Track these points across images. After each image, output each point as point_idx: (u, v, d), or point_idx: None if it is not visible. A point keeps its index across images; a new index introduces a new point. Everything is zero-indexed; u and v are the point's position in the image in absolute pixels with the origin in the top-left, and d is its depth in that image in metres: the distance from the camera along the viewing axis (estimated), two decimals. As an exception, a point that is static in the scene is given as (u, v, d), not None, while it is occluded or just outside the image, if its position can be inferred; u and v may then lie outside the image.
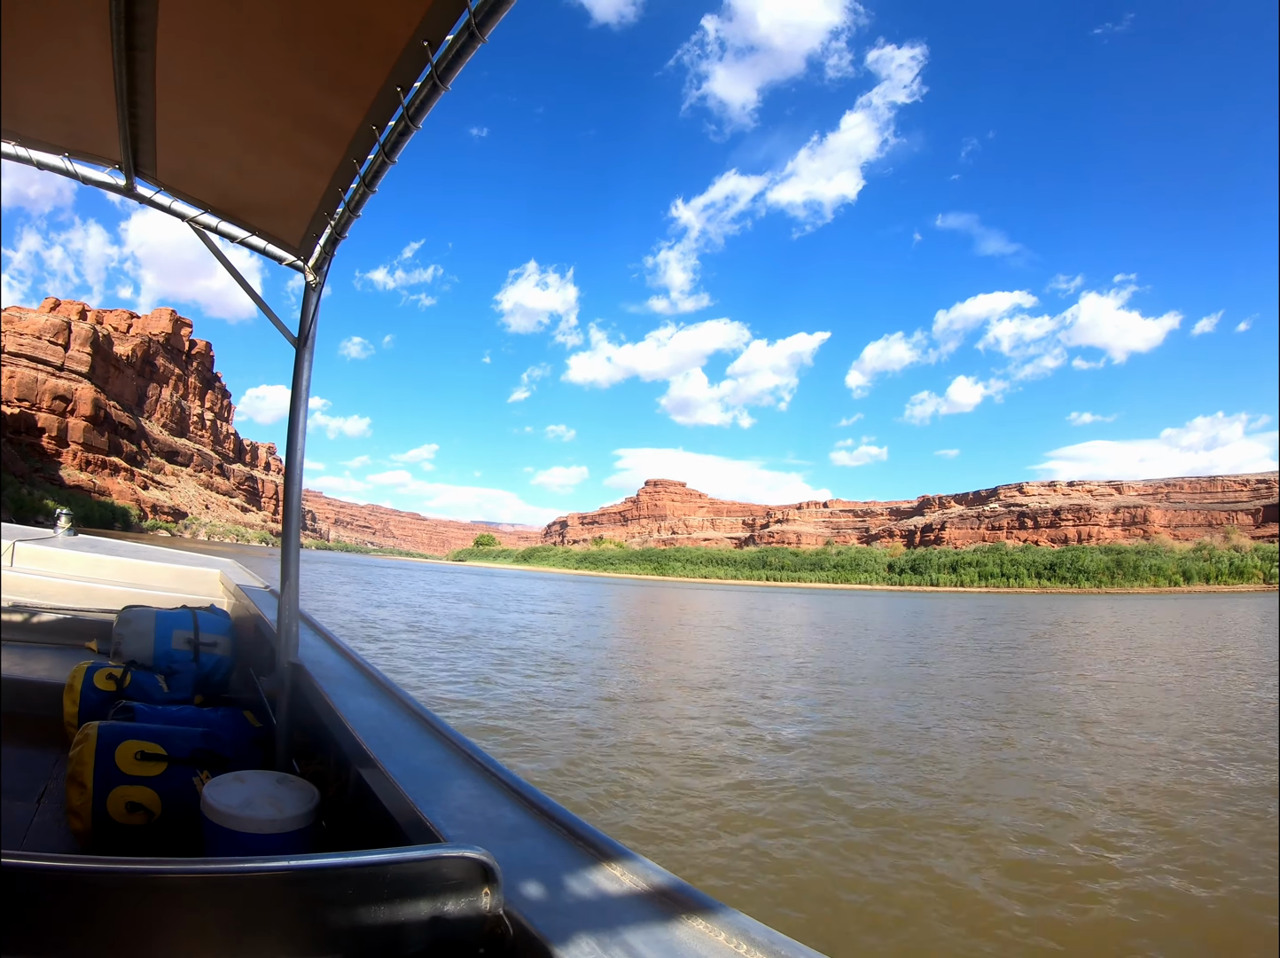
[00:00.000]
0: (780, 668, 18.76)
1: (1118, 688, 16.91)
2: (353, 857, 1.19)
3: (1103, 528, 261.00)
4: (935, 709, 13.42)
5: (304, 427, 2.89)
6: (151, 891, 1.08)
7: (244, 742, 2.87)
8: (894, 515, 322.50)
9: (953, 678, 17.73)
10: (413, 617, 27.27)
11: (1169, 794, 8.39)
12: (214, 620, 4.04)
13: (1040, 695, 15.46)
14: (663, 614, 45.25)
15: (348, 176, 2.33)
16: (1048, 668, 21.18)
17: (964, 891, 5.67)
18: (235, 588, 5.11)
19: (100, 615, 4.55)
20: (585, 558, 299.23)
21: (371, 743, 2.03)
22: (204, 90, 2.19)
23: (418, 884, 1.22)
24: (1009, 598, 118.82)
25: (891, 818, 7.31)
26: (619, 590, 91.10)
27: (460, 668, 15.30)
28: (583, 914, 1.26)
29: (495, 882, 1.25)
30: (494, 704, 11.86)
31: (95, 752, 2.45)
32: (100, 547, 6.47)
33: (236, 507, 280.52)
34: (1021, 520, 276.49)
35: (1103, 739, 11.20)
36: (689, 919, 1.26)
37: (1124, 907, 5.49)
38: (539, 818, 1.65)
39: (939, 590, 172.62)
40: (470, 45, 1.64)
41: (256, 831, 2.02)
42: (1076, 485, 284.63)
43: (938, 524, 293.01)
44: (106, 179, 2.70)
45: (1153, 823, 7.35)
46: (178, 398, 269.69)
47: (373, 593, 40.71)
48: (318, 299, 2.92)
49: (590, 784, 7.97)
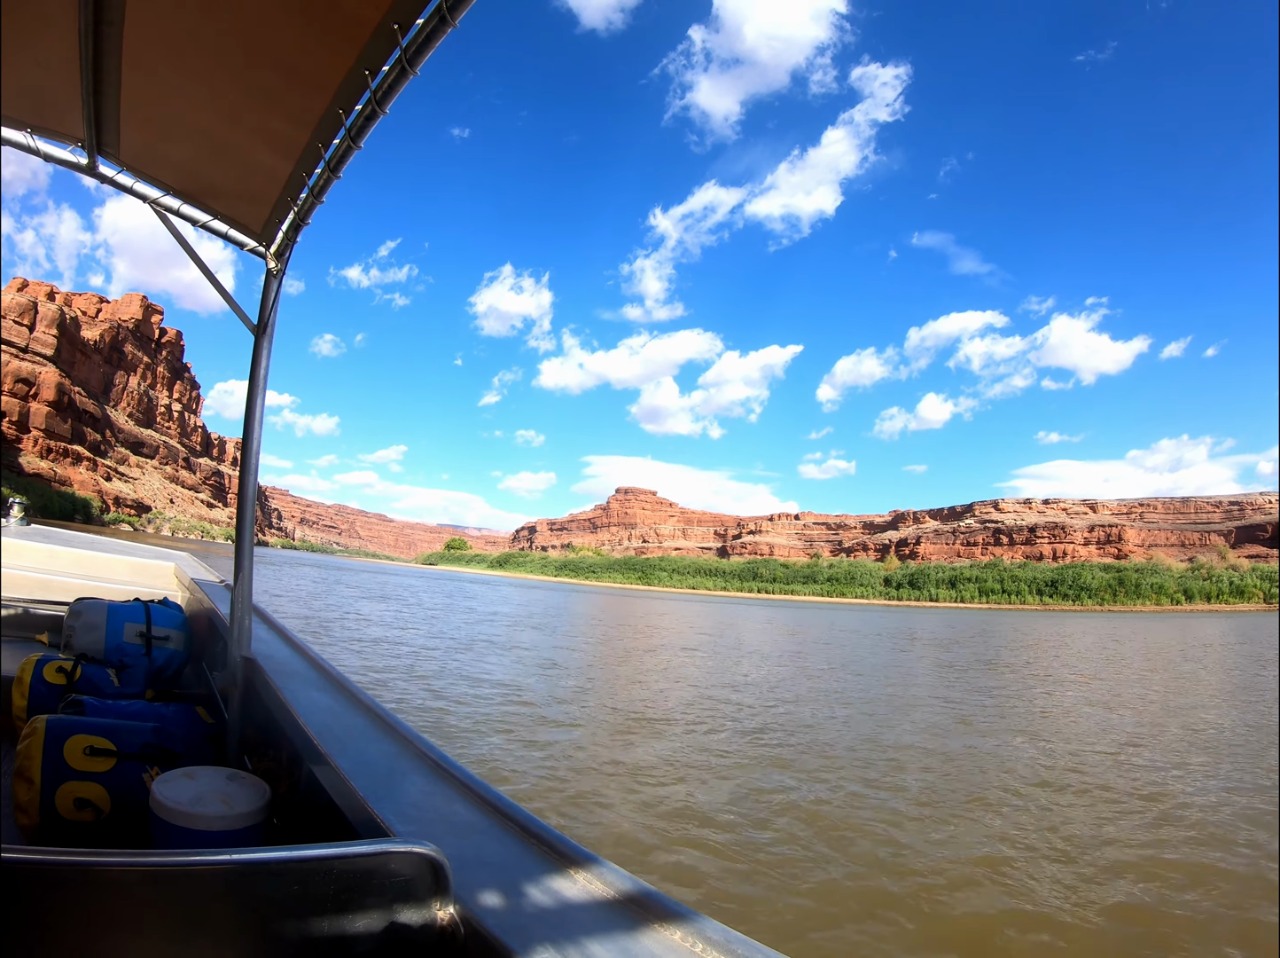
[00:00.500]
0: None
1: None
2: (297, 851, 1.16)
3: (1078, 546, 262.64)
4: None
5: (261, 417, 2.85)
6: (91, 883, 1.05)
7: (195, 737, 2.81)
8: (868, 529, 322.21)
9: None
10: (547, 680, 15.81)
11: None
12: (167, 614, 3.93)
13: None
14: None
15: (313, 161, 2.30)
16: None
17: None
18: (189, 581, 5.05)
19: (52, 608, 4.43)
20: (565, 565, 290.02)
21: (323, 738, 1.99)
22: (170, 69, 2.15)
23: (365, 881, 1.18)
24: (1012, 615, 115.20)
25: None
26: (630, 603, 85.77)
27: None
28: (538, 915, 1.24)
29: (446, 880, 1.22)
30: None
31: (43, 746, 2.38)
32: (54, 537, 6.32)
33: (202, 502, 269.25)
34: (997, 537, 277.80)
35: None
36: (646, 920, 1.23)
37: None
38: (493, 816, 1.63)
39: (938, 606, 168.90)
40: (441, 29, 1.62)
41: (206, 828, 1.98)
42: (1052, 503, 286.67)
43: (913, 539, 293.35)
44: (69, 157, 2.63)
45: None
46: (145, 387, 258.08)
47: (412, 614, 31.08)
48: (279, 286, 2.88)
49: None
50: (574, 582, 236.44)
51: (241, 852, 1.15)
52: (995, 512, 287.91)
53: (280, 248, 2.83)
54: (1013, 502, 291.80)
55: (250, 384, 2.84)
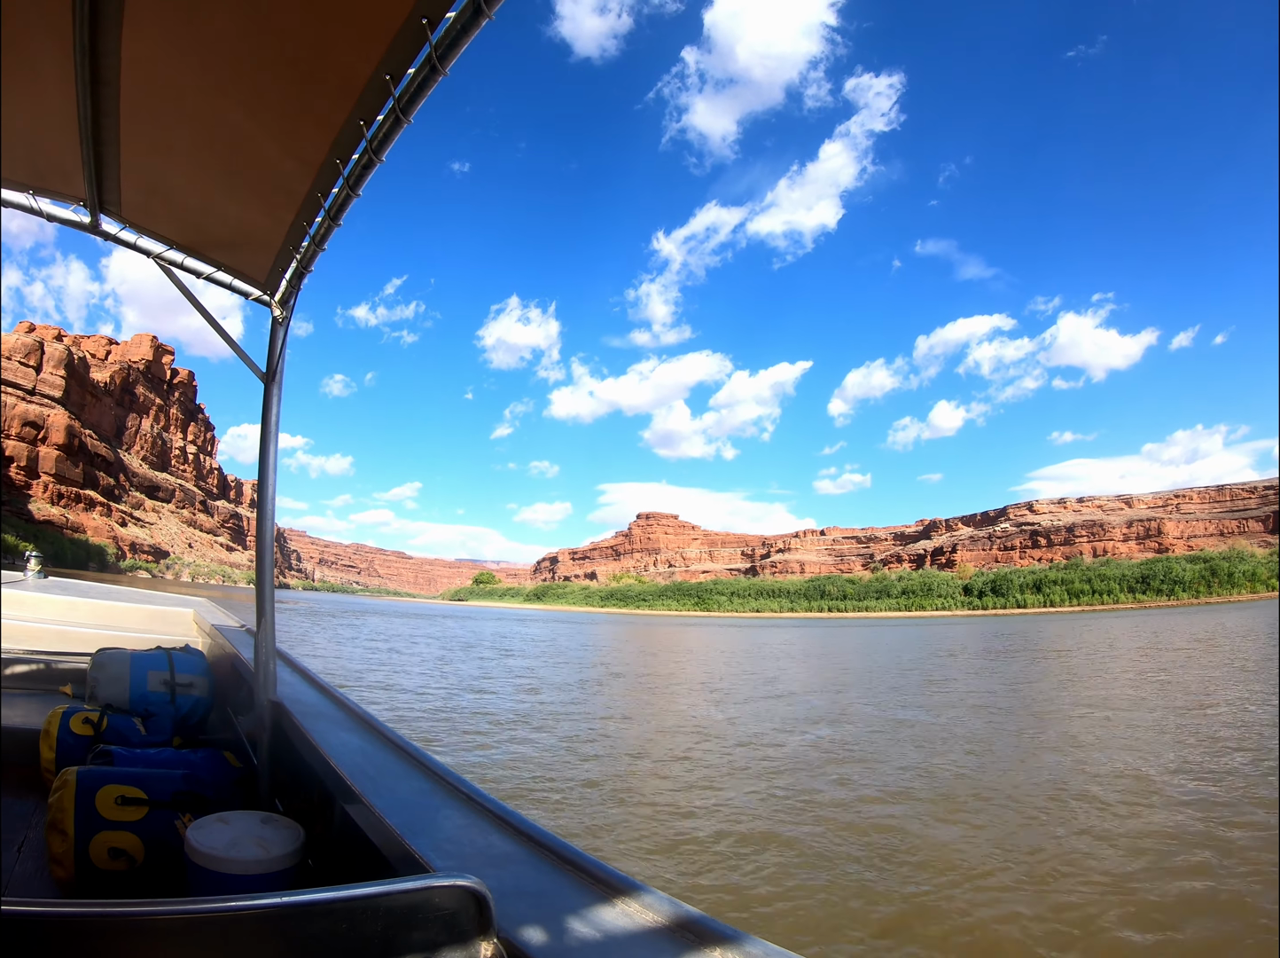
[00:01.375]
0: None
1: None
2: (342, 891, 1.15)
3: (1117, 543, 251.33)
4: None
5: (274, 461, 2.88)
6: (138, 934, 1.04)
7: (225, 782, 2.81)
8: (899, 540, 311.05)
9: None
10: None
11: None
12: (189, 661, 3.97)
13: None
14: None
15: (313, 210, 2.31)
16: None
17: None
18: (210, 627, 5.03)
19: (74, 659, 4.46)
20: (612, 594, 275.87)
21: (355, 778, 1.99)
22: (168, 125, 2.16)
23: (410, 917, 1.18)
24: (1117, 617, 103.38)
25: None
26: (706, 633, 75.62)
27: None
28: (581, 943, 1.23)
29: (490, 912, 1.22)
30: None
31: (75, 797, 2.37)
32: (72, 589, 6.39)
33: (221, 545, 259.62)
34: (1034, 539, 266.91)
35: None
36: (691, 943, 1.22)
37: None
38: (529, 846, 1.63)
39: (1027, 613, 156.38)
40: (432, 78, 1.64)
41: (242, 872, 1.97)
42: (1086, 501, 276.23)
43: (948, 547, 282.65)
44: (71, 216, 2.67)
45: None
46: (158, 429, 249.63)
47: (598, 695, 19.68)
48: (285, 334, 2.90)
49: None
50: (624, 612, 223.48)
51: (287, 895, 1.13)
52: (1030, 513, 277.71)
53: (285, 296, 2.84)
54: (1047, 502, 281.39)
55: (263, 430, 2.85)
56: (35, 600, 5.45)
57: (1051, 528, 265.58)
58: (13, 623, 4.89)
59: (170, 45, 1.82)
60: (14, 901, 0.98)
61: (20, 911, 0.99)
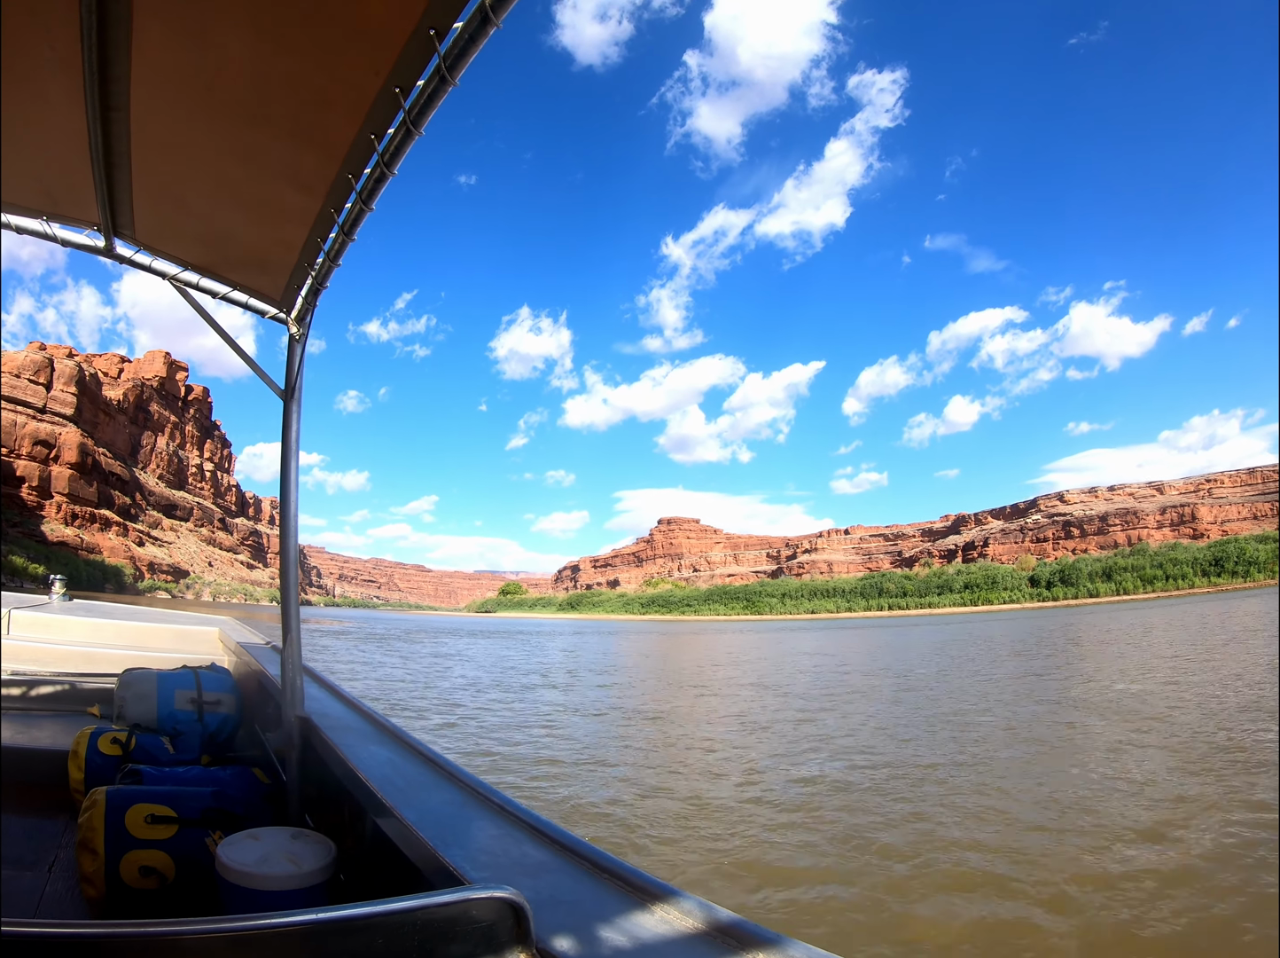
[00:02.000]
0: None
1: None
2: (378, 905, 1.13)
3: (1151, 530, 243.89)
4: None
5: (296, 478, 2.88)
6: (170, 952, 1.03)
7: (255, 799, 2.82)
8: (927, 536, 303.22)
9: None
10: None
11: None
12: (216, 679, 3.97)
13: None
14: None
15: (326, 226, 2.31)
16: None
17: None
18: (235, 645, 5.04)
19: (101, 680, 4.47)
20: (653, 601, 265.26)
21: (386, 791, 1.98)
22: (179, 147, 2.16)
23: (447, 930, 1.16)
24: (1204, 601, 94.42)
25: None
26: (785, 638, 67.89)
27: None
28: (616, 949, 1.21)
29: (528, 923, 1.20)
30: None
31: (105, 817, 2.38)
32: (97, 610, 6.54)
33: (242, 563, 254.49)
34: (1067, 529, 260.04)
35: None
36: (731, 947, 1.20)
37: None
38: (564, 855, 1.61)
39: (1100, 602, 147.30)
40: (442, 89, 1.63)
41: (275, 888, 1.96)
42: (1118, 489, 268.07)
43: (980, 541, 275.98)
44: (85, 241, 2.68)
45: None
46: (174, 447, 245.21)
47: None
48: (303, 351, 2.90)
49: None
50: (668, 618, 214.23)
51: (321, 911, 1.11)
52: (1061, 504, 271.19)
53: (301, 313, 2.84)
54: (1078, 492, 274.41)
55: (283, 448, 2.85)
56: (61, 623, 5.51)
57: (1084, 518, 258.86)
58: (39, 645, 4.96)
59: (179, 69, 1.82)
60: (47, 922, 0.98)
61: (53, 932, 0.98)
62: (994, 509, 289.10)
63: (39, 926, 0.97)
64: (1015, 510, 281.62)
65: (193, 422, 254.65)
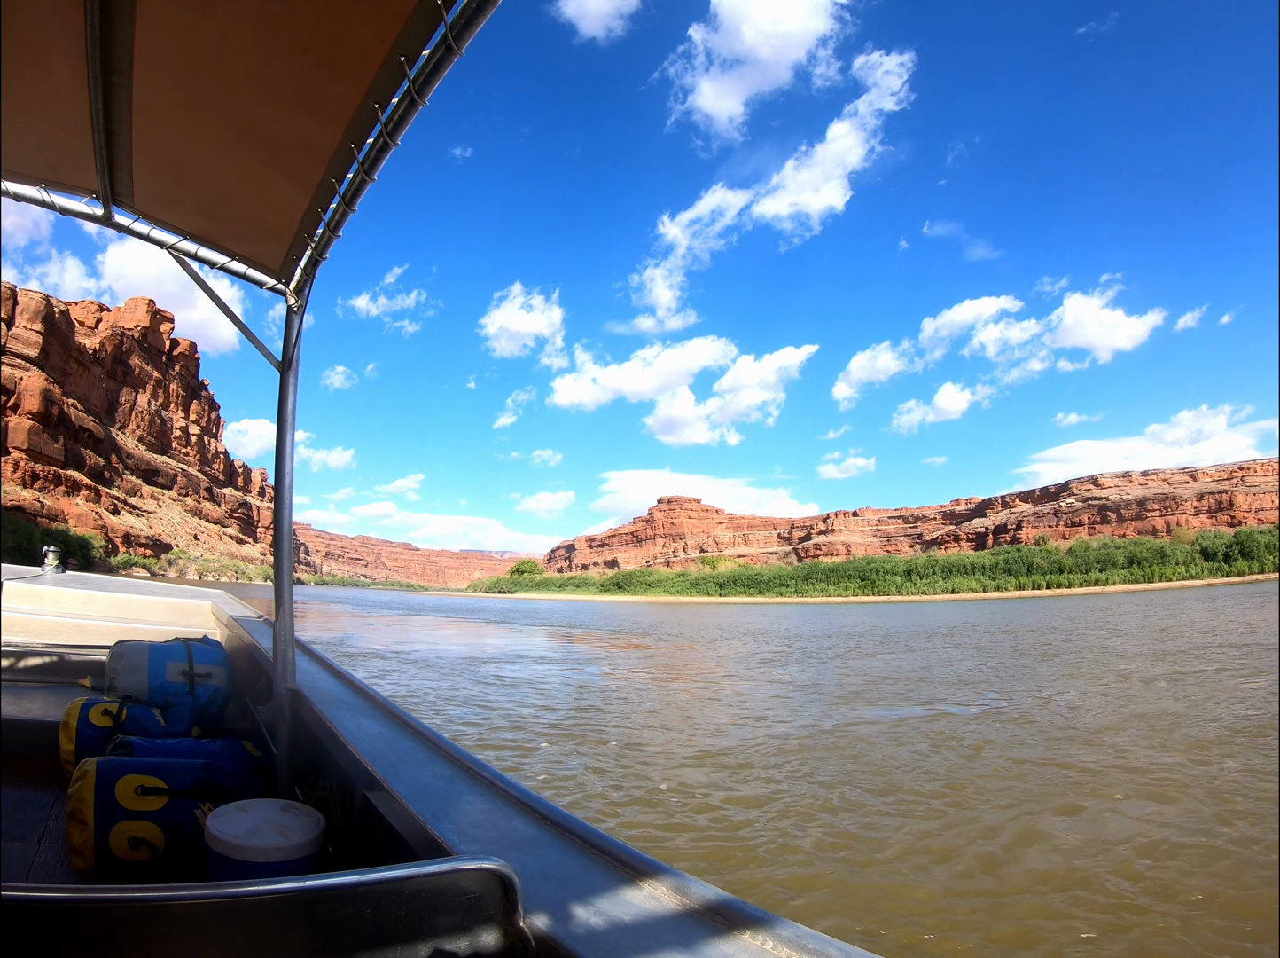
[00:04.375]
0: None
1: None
2: (367, 874, 1.12)
3: (1189, 516, 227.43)
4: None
5: (291, 451, 2.83)
6: (157, 918, 1.01)
7: (245, 771, 2.76)
8: (949, 519, 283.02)
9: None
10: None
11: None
12: (208, 652, 3.90)
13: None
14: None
15: (327, 196, 2.26)
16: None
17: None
18: (228, 618, 5.01)
19: (93, 652, 4.42)
20: (733, 580, 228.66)
21: (376, 764, 1.95)
22: (180, 115, 2.10)
23: (435, 901, 1.14)
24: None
25: None
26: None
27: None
28: (606, 926, 1.18)
29: (516, 895, 1.18)
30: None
31: (95, 788, 2.33)
32: (90, 583, 6.40)
33: (231, 537, 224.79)
34: (1103, 514, 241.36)
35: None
36: (717, 924, 1.18)
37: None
38: (553, 829, 1.59)
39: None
40: (447, 59, 1.59)
41: (263, 859, 1.93)
42: (1151, 474, 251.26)
43: (1012, 524, 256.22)
44: (84, 209, 2.60)
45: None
46: (157, 406, 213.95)
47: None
48: (300, 322, 2.84)
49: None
50: (753, 601, 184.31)
51: (309, 878, 1.10)
52: (1094, 488, 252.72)
53: (300, 284, 2.77)
54: (1111, 476, 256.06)
55: (279, 420, 2.80)
56: (53, 595, 5.41)
57: (1121, 502, 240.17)
58: (31, 617, 4.87)
59: (182, 35, 1.78)
60: (35, 886, 0.99)
61: (41, 897, 0.97)
62: (1022, 492, 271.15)
63: (27, 890, 0.95)
64: (1045, 494, 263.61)
65: (178, 379, 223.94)
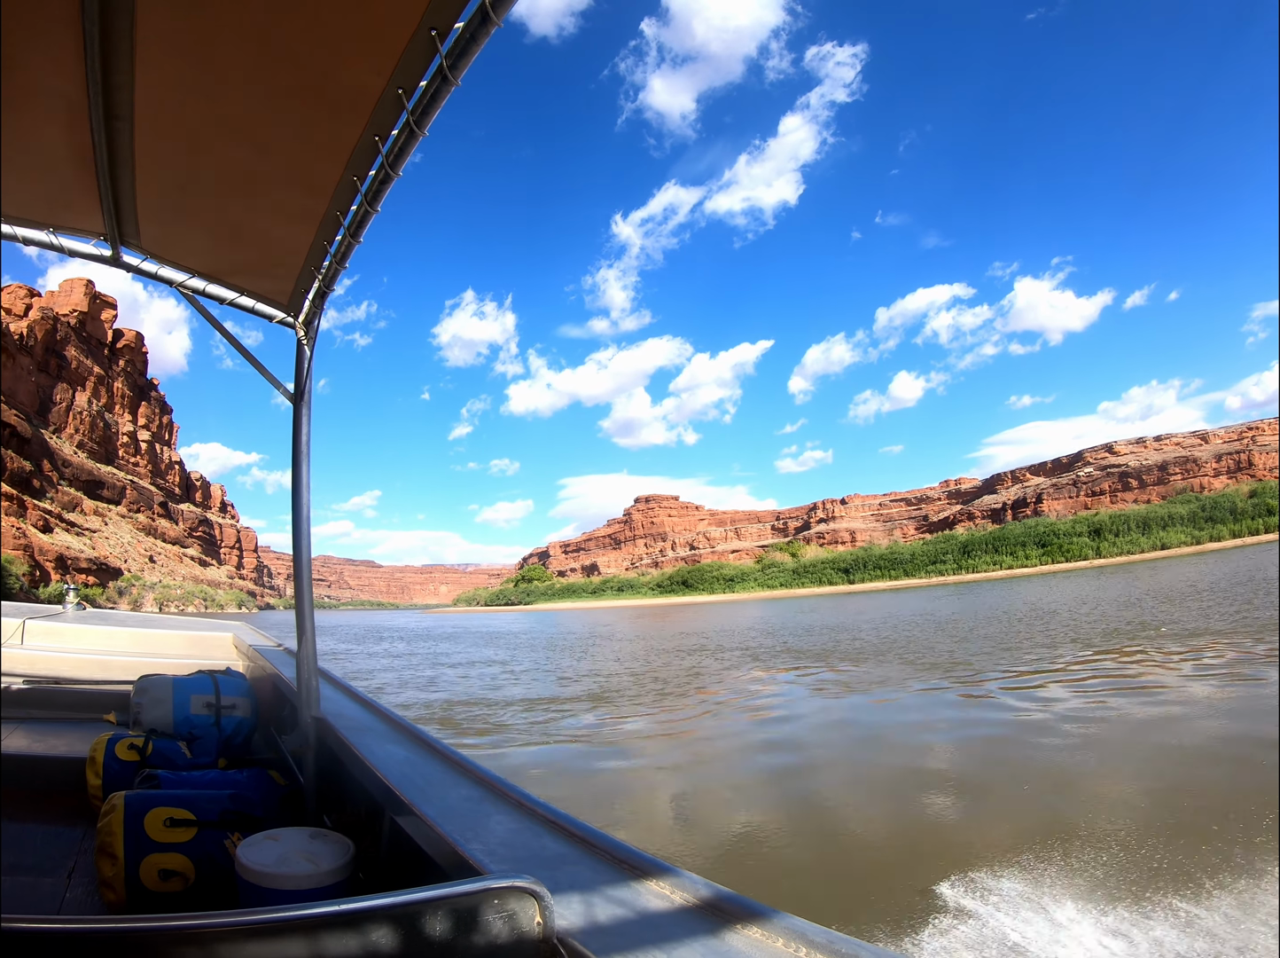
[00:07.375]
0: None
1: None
2: (400, 896, 1.11)
3: (1210, 478, 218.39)
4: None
5: (308, 481, 2.85)
6: (189, 945, 1.00)
7: (273, 800, 2.75)
8: (955, 498, 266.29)
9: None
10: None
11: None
12: (232, 683, 3.87)
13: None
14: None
15: (332, 229, 2.25)
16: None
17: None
18: (249, 649, 4.98)
19: (117, 687, 4.40)
20: (806, 570, 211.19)
21: (403, 788, 1.94)
22: (183, 155, 2.09)
23: (468, 920, 1.13)
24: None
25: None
26: None
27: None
28: (635, 936, 1.19)
29: (546, 911, 1.18)
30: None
31: (124, 822, 2.31)
32: (111, 619, 6.49)
33: (193, 559, 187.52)
34: (1124, 481, 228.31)
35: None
36: (745, 930, 1.18)
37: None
38: (581, 846, 1.58)
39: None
40: (444, 89, 1.58)
41: (294, 887, 1.90)
42: (1164, 439, 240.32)
43: (1031, 497, 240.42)
44: (92, 250, 2.61)
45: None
46: (99, 407, 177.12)
47: None
48: (311, 353, 2.86)
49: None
50: (821, 592, 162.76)
51: (341, 902, 1.09)
52: (1111, 455, 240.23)
53: (309, 317, 2.79)
54: (1126, 443, 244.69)
55: (295, 451, 2.83)
56: (75, 632, 5.40)
57: (1142, 467, 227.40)
58: (54, 654, 4.87)
59: (183, 78, 1.76)
60: (69, 918, 0.97)
61: (76, 928, 0.96)
62: (1033, 465, 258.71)
63: (61, 922, 0.95)
64: (1058, 465, 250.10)
65: (122, 377, 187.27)
